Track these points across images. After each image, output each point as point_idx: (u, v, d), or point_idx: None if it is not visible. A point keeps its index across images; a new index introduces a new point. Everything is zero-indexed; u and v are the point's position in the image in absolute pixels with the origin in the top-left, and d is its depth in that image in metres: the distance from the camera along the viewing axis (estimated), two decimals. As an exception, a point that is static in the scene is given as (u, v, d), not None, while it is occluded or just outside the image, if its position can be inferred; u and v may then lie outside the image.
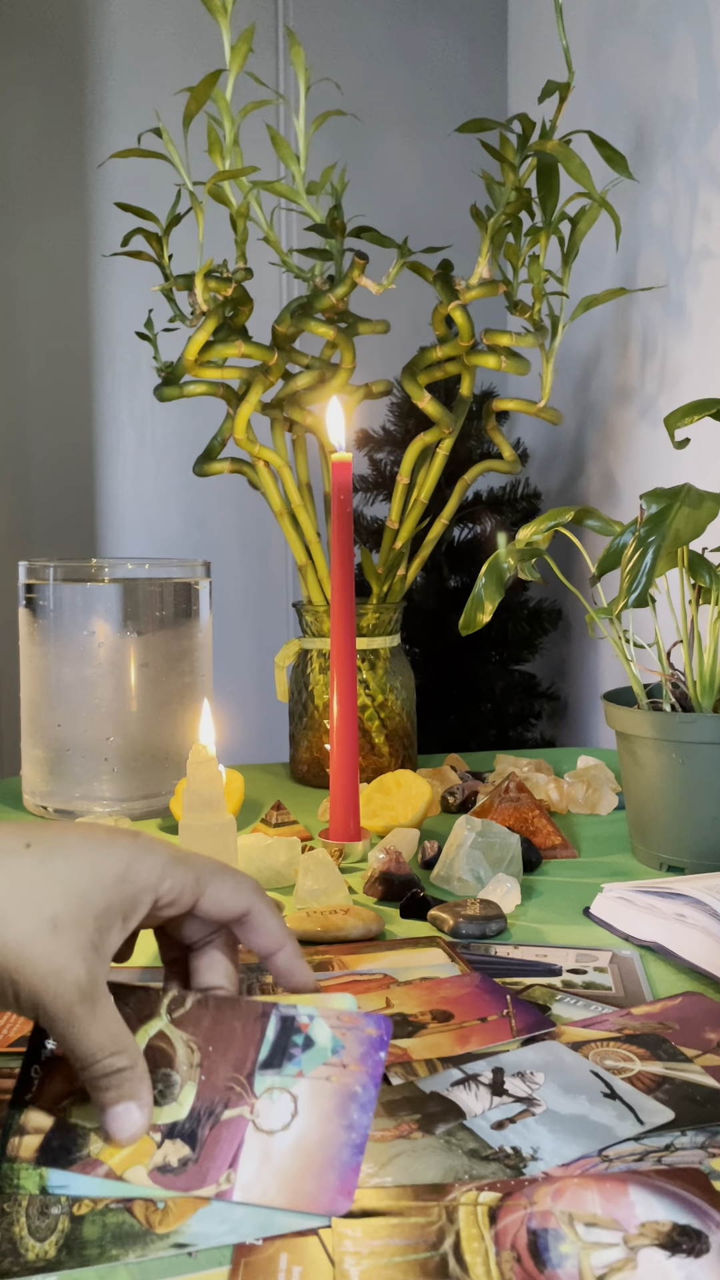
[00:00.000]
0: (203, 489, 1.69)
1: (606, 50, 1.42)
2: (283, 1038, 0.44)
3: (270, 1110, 0.42)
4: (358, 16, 1.75)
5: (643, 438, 1.37)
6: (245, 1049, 0.44)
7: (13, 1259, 0.37)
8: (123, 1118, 0.42)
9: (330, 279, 1.05)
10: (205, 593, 1.02)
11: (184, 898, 0.45)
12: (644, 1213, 0.39)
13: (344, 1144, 0.41)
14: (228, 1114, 0.42)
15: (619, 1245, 0.37)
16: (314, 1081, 0.43)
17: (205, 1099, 0.43)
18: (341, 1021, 0.44)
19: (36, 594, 0.96)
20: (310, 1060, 0.43)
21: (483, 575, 0.86)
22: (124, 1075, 0.42)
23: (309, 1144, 0.41)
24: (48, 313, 1.70)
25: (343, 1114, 0.42)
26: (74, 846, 0.43)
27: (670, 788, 0.78)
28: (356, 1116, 0.42)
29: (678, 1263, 0.36)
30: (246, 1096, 0.43)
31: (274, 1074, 0.43)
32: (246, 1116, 0.42)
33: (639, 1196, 0.40)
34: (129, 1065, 0.42)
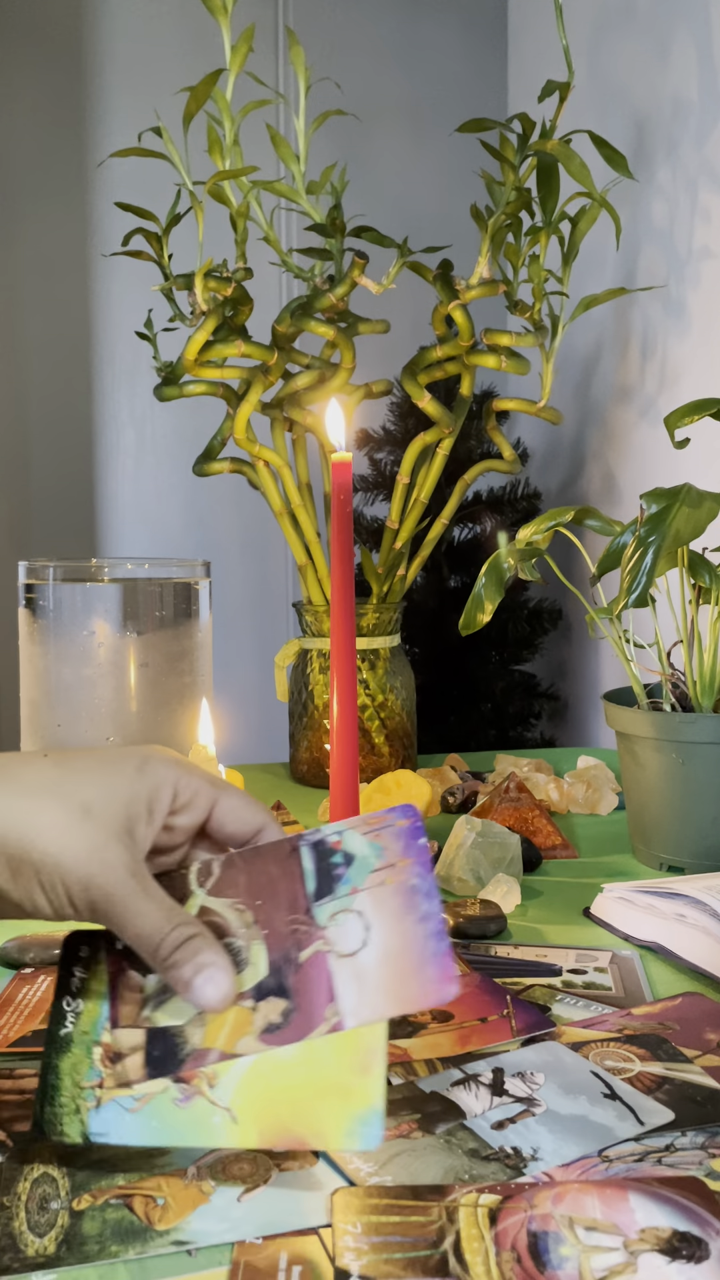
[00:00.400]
0: (203, 489, 1.69)
1: (606, 50, 1.42)
2: (322, 863, 0.43)
3: (343, 934, 0.42)
4: (358, 16, 1.75)
5: (643, 438, 1.37)
6: (291, 888, 0.43)
7: (12, 1255, 0.37)
8: (209, 984, 0.41)
9: (330, 279, 1.05)
10: (205, 593, 1.02)
11: (199, 799, 0.45)
12: (644, 1218, 0.39)
13: (426, 936, 0.40)
14: (304, 954, 0.41)
15: (619, 1250, 0.37)
16: (371, 891, 0.42)
17: (277, 949, 0.42)
18: (370, 825, 0.44)
19: (36, 594, 0.96)
20: (358, 872, 0.43)
21: (483, 575, 0.86)
22: (195, 943, 0.41)
23: (393, 950, 0.40)
24: (48, 313, 1.70)
25: (412, 909, 0.41)
26: (88, 753, 0.44)
27: (670, 788, 0.78)
28: (426, 906, 0.41)
29: (678, 1268, 0.36)
30: (314, 931, 0.42)
31: (330, 900, 0.43)
32: (323, 949, 0.41)
33: (639, 1203, 0.40)
34: (197, 931, 0.41)
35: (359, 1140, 0.38)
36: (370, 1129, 0.38)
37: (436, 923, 0.41)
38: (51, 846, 0.40)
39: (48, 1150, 0.43)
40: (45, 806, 0.41)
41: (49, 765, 0.43)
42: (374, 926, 0.41)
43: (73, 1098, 0.41)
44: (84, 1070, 0.42)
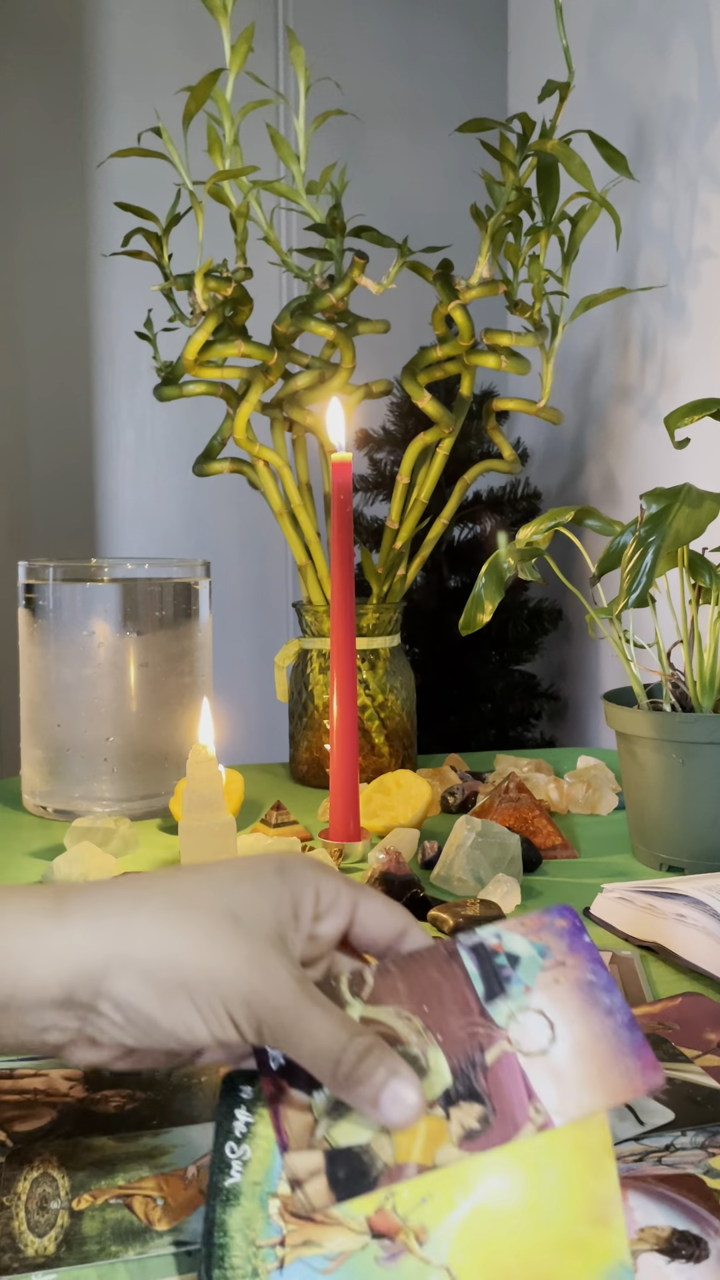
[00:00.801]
0: (203, 489, 1.69)
1: (606, 50, 1.42)
2: (486, 966, 0.41)
3: (527, 1033, 0.39)
4: (358, 16, 1.75)
5: (643, 437, 1.37)
6: (459, 992, 0.41)
7: (12, 1255, 0.37)
8: (398, 1099, 0.36)
9: (330, 279, 1.05)
10: (205, 593, 1.02)
11: (341, 903, 0.42)
12: (643, 1218, 0.38)
13: (617, 1029, 0.39)
14: (490, 1056, 0.39)
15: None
16: (546, 989, 0.40)
17: (457, 1054, 0.39)
18: (527, 926, 0.42)
19: (36, 594, 0.96)
20: (527, 972, 0.41)
21: (483, 575, 0.86)
22: (376, 1055, 0.37)
23: (585, 1044, 0.39)
24: (48, 313, 1.70)
25: (594, 1004, 0.40)
26: (227, 864, 0.41)
27: (670, 788, 0.78)
28: (608, 1000, 0.40)
29: (677, 1268, 0.36)
30: (495, 1032, 0.40)
31: (503, 1000, 0.40)
32: (509, 1050, 0.39)
33: (638, 1202, 0.39)
34: (375, 1042, 0.37)
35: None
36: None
37: (625, 1015, 0.40)
38: (205, 961, 0.36)
39: (48, 1150, 0.43)
40: (191, 917, 0.37)
41: (190, 875, 0.40)
42: (559, 1023, 0.40)
43: (248, 1259, 0.36)
44: (259, 1226, 0.36)
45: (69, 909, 0.37)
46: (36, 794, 0.97)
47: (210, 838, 0.71)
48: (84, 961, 0.36)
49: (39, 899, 0.37)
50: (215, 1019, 0.36)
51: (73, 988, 0.36)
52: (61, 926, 0.37)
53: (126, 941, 0.36)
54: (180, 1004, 0.36)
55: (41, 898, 0.38)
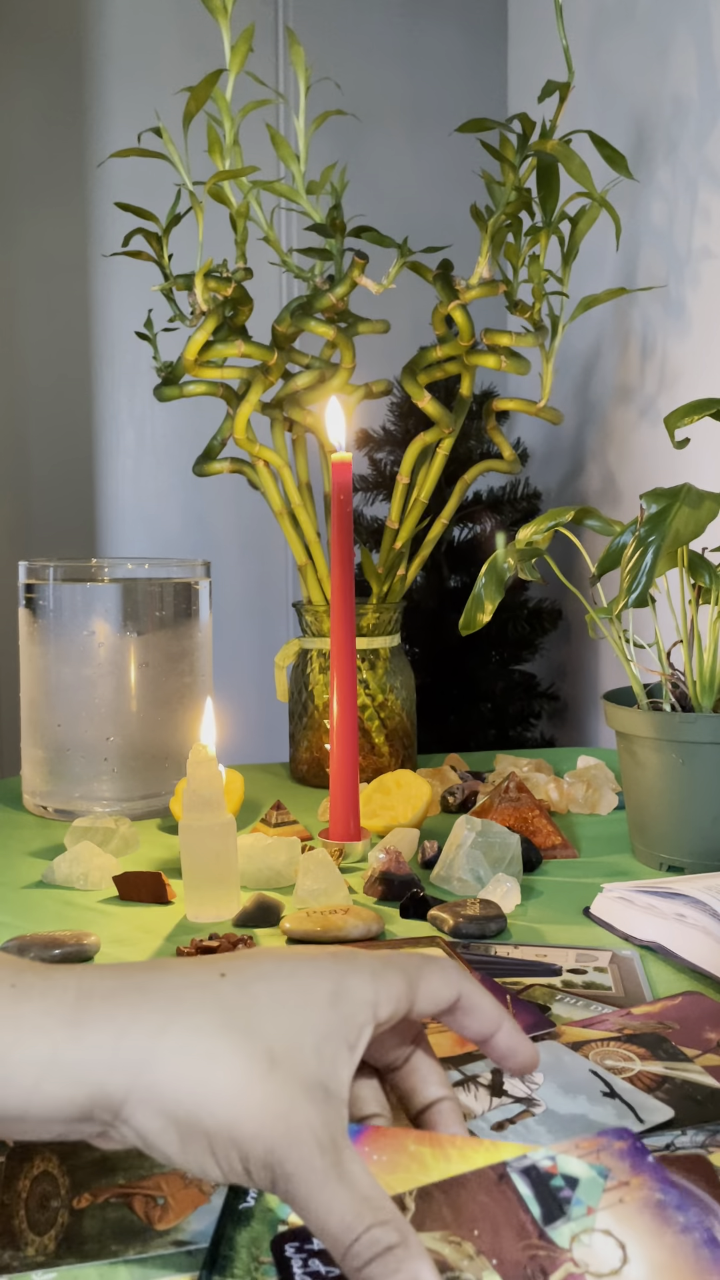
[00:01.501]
0: (203, 489, 1.69)
1: (606, 50, 1.42)
2: (542, 1190, 0.37)
3: (595, 1255, 0.36)
4: (358, 16, 1.75)
5: (643, 437, 1.37)
6: (514, 1214, 0.37)
7: (12, 1253, 0.37)
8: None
9: (330, 279, 1.05)
10: (205, 593, 1.02)
11: (400, 1006, 0.38)
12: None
13: (697, 1245, 0.36)
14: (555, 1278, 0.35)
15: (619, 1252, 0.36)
16: (611, 1210, 0.37)
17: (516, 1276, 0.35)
18: (583, 1149, 0.39)
19: (36, 594, 0.96)
20: (589, 1194, 0.37)
21: (483, 575, 0.86)
22: (399, 1255, 0.32)
23: (662, 1263, 0.35)
24: (48, 313, 1.70)
25: (668, 1222, 0.36)
26: (272, 970, 0.37)
27: (670, 788, 0.78)
28: (684, 1218, 0.36)
29: None
30: (558, 1254, 0.36)
31: (565, 1223, 0.36)
32: (575, 1271, 0.35)
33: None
34: (399, 1240, 0.32)
35: None
36: None
37: (703, 1231, 0.36)
38: (228, 1111, 0.33)
39: (48, 1149, 0.43)
40: (221, 1055, 0.33)
41: (228, 992, 0.35)
42: (630, 1243, 0.36)
43: (248, 1271, 0.36)
44: (264, 1246, 0.37)
45: (89, 1022, 0.34)
46: (37, 794, 0.97)
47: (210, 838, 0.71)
48: (102, 1084, 0.33)
49: (60, 1003, 0.34)
50: (231, 1168, 0.33)
51: (90, 1108, 0.33)
52: (80, 1044, 0.33)
53: (150, 1074, 0.33)
54: (198, 1147, 0.33)
55: (62, 1002, 0.34)
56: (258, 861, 0.77)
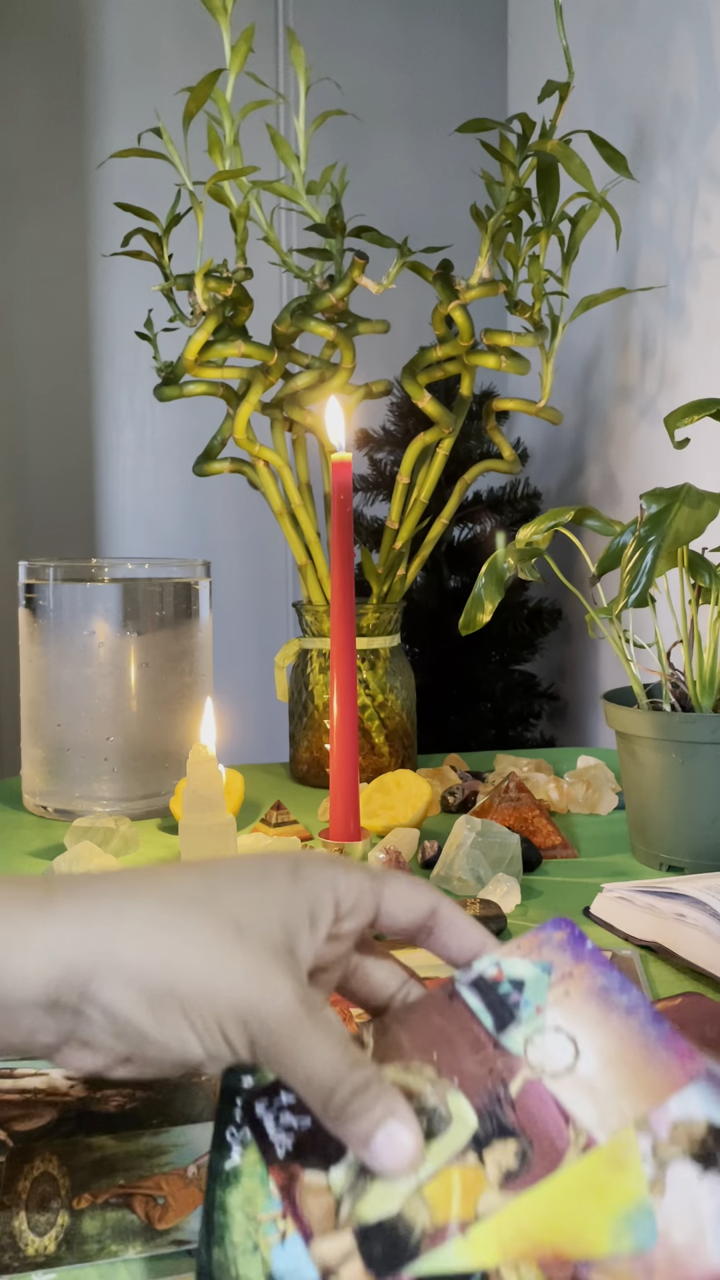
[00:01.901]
0: (203, 489, 1.69)
1: (606, 50, 1.42)
2: (491, 998, 0.38)
3: (548, 1054, 0.37)
4: (358, 16, 1.75)
5: (643, 437, 1.37)
6: (467, 1031, 0.38)
7: (12, 1254, 0.37)
8: (392, 1140, 0.33)
9: (330, 279, 1.05)
10: (205, 593, 1.02)
11: (365, 900, 0.38)
12: (678, 1108, 0.35)
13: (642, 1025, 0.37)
14: (515, 1087, 0.36)
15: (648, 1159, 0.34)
16: (558, 1005, 0.38)
17: (480, 1093, 0.36)
18: (524, 948, 0.39)
19: (36, 594, 0.96)
20: (535, 993, 0.38)
21: (483, 575, 0.86)
22: (374, 1091, 0.34)
23: (613, 1052, 0.36)
24: (48, 313, 1.70)
25: (612, 1007, 0.37)
26: (233, 863, 0.38)
27: (670, 788, 0.78)
28: (626, 999, 0.37)
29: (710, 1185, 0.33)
30: (514, 1061, 0.37)
31: (516, 1027, 0.37)
32: (534, 1075, 0.36)
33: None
34: (375, 1076, 0.34)
35: (631, 1241, 0.33)
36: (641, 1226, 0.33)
37: (646, 1011, 0.37)
38: (201, 973, 0.33)
39: (48, 1149, 0.43)
40: (188, 921, 0.34)
41: (191, 878, 0.36)
42: (580, 1036, 0.37)
43: (248, 1234, 0.35)
44: (259, 1201, 0.35)
45: (56, 903, 0.34)
46: (37, 794, 0.97)
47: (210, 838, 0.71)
48: (69, 962, 0.33)
49: (28, 889, 0.35)
50: (209, 1034, 0.33)
51: (58, 990, 0.33)
52: (46, 922, 0.33)
53: (116, 944, 0.33)
54: (173, 1016, 0.33)
55: (31, 888, 0.35)
56: (258, 861, 0.77)
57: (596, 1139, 0.35)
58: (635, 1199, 0.33)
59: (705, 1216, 0.32)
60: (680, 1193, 0.33)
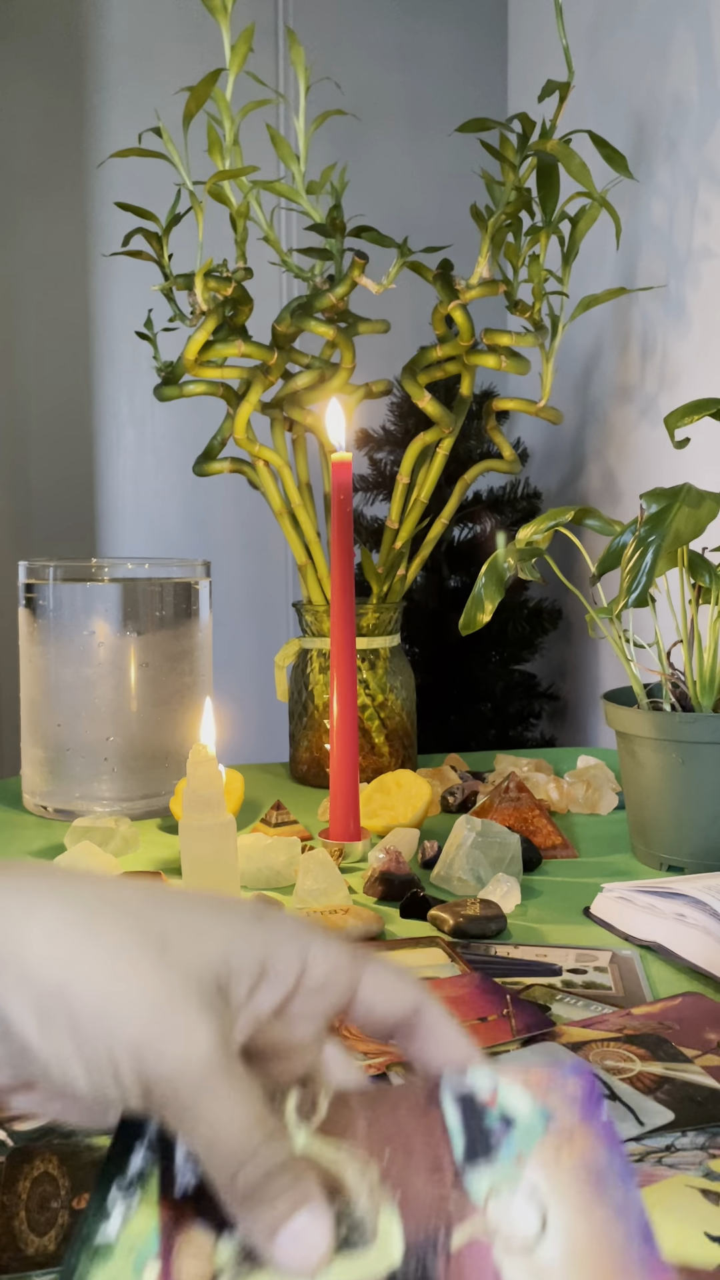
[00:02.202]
0: (203, 489, 1.69)
1: (606, 50, 1.42)
2: (471, 1121, 0.31)
3: (509, 1219, 0.30)
4: (358, 16, 1.75)
5: (643, 437, 1.37)
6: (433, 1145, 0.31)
7: (12, 1253, 0.37)
8: (301, 1236, 0.27)
9: (330, 278, 1.05)
10: (205, 593, 1.02)
11: (338, 978, 0.31)
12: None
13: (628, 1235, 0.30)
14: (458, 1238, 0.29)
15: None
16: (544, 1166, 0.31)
17: (417, 1225, 0.29)
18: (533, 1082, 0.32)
19: (36, 594, 0.96)
20: (524, 1140, 0.31)
21: (483, 575, 0.86)
22: (290, 1175, 0.28)
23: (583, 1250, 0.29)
24: (48, 312, 1.70)
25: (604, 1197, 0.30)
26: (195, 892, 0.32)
27: (670, 788, 0.78)
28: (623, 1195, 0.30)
29: None
30: (470, 1209, 0.30)
31: (487, 1167, 0.31)
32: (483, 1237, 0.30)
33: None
34: (294, 1160, 0.28)
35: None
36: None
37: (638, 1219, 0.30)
38: (101, 988, 0.27)
39: (48, 1149, 0.43)
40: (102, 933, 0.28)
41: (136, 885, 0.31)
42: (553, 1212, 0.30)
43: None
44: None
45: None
46: (37, 794, 0.97)
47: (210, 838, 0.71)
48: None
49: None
50: (96, 1067, 0.27)
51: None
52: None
53: (19, 940, 0.28)
54: (60, 1037, 0.28)
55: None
56: (258, 861, 0.77)
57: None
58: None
59: None
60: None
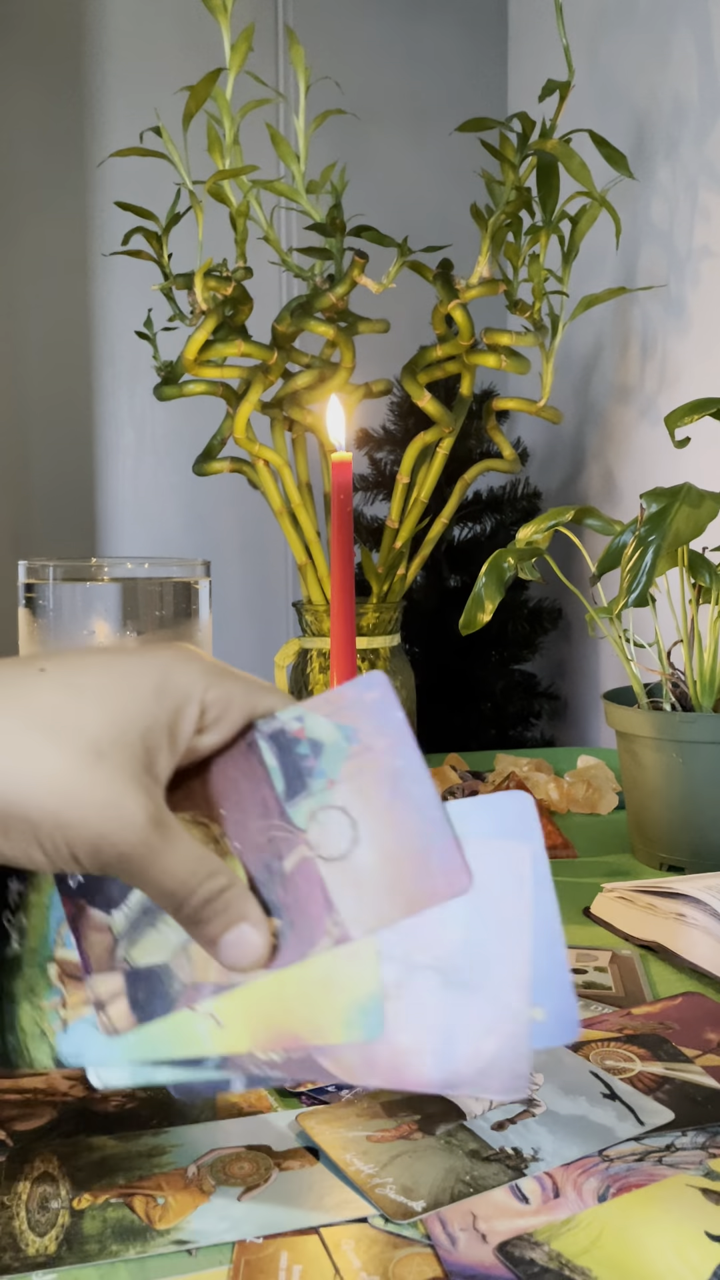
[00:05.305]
0: (203, 489, 1.69)
1: (606, 49, 1.42)
2: (286, 756, 0.37)
3: (326, 835, 0.36)
4: (358, 16, 1.75)
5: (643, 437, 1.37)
6: (259, 790, 0.37)
7: (13, 1254, 0.37)
8: (240, 943, 0.36)
9: (330, 278, 1.05)
10: (205, 592, 1.02)
11: (231, 713, 0.37)
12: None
13: (425, 825, 0.35)
14: (288, 863, 0.36)
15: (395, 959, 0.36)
16: (350, 781, 0.36)
17: (255, 863, 0.37)
18: (332, 703, 0.37)
19: (36, 594, 0.96)
20: (331, 762, 0.37)
21: (483, 575, 0.86)
22: (227, 896, 0.35)
23: (390, 846, 0.36)
24: (48, 313, 1.69)
25: (401, 798, 0.36)
26: (99, 664, 0.36)
27: (670, 788, 0.78)
28: (418, 791, 0.36)
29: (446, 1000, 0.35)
30: (294, 835, 0.36)
31: (304, 798, 0.37)
32: (308, 855, 0.36)
33: None
34: (229, 882, 0.36)
35: (360, 1030, 0.35)
36: (370, 1017, 0.35)
37: (434, 809, 0.36)
38: (53, 801, 0.33)
39: (48, 1150, 0.43)
40: (45, 752, 0.34)
41: (48, 688, 0.35)
42: (361, 822, 0.36)
43: (35, 1021, 0.37)
44: (41, 990, 0.37)
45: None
46: (36, 794, 0.97)
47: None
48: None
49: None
50: (58, 855, 0.34)
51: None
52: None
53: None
54: (23, 837, 0.34)
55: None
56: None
57: (351, 934, 0.35)
58: (368, 992, 0.35)
59: (430, 1027, 0.34)
60: (417, 999, 0.35)
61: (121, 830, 0.34)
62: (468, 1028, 0.34)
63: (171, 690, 0.36)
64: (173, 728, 0.36)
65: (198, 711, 0.36)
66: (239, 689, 0.37)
